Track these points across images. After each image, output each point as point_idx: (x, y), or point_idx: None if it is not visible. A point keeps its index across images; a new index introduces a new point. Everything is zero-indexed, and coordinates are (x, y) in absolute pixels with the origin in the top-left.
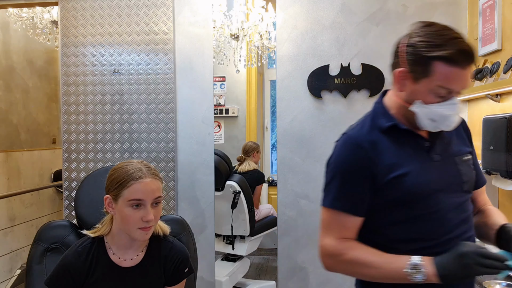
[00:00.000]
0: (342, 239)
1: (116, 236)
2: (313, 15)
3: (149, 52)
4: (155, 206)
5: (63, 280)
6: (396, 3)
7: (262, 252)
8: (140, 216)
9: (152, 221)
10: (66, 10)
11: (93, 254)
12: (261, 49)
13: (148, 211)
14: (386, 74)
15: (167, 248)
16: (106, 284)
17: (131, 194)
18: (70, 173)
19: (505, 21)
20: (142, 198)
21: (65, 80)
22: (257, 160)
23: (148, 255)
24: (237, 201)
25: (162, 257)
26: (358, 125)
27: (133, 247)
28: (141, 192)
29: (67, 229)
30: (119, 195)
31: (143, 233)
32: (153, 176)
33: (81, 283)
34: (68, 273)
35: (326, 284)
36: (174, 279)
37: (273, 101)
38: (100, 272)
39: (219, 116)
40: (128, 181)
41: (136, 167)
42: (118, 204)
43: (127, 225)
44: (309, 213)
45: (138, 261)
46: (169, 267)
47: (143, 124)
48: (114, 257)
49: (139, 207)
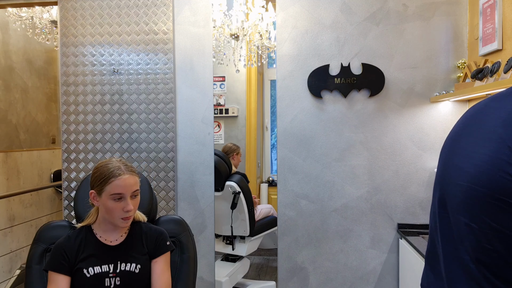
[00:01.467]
0: None
1: (102, 224)
2: (313, 14)
3: (149, 52)
4: (134, 198)
5: (57, 259)
6: (397, 3)
7: (262, 253)
8: (121, 207)
9: (131, 211)
10: (66, 9)
11: (82, 237)
12: (261, 49)
13: (128, 202)
14: (387, 74)
15: (147, 228)
16: (96, 258)
17: (112, 189)
18: (69, 173)
19: (505, 20)
20: (122, 192)
21: (64, 80)
22: (237, 162)
23: (130, 235)
24: (236, 201)
25: (143, 234)
26: None
27: (117, 231)
28: (121, 187)
29: (67, 229)
30: (102, 190)
31: (124, 221)
32: (131, 173)
33: (74, 259)
34: (61, 252)
35: (326, 284)
36: (157, 251)
37: (273, 101)
38: (90, 249)
39: (219, 116)
40: (109, 178)
41: (115, 166)
42: (102, 198)
43: (110, 215)
44: (309, 213)
45: (122, 240)
46: (150, 241)
47: (143, 124)
48: (101, 239)
49: (120, 200)
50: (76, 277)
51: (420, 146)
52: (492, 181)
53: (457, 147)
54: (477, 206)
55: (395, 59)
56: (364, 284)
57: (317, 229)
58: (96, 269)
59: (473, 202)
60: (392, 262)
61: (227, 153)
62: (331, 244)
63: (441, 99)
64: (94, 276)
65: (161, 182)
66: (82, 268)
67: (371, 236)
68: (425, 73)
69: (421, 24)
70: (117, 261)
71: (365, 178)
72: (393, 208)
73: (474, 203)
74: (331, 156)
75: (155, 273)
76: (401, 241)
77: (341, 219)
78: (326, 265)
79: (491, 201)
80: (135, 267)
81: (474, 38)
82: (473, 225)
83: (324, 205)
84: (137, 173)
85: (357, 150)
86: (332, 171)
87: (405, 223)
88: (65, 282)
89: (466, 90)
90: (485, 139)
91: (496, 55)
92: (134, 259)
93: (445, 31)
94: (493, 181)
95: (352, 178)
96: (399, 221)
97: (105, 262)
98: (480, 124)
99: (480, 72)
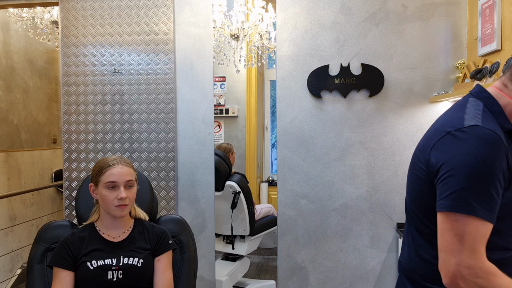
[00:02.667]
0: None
1: (103, 219)
2: (313, 15)
3: (149, 52)
4: (128, 189)
5: (61, 254)
6: (396, 3)
7: (262, 252)
8: (115, 196)
9: (125, 199)
10: (67, 10)
11: (86, 233)
12: (261, 49)
13: (121, 191)
14: (386, 74)
15: (150, 225)
16: (99, 252)
17: (106, 177)
18: (70, 173)
19: (504, 21)
20: (115, 180)
21: (65, 80)
22: (232, 161)
23: (133, 232)
24: (237, 201)
25: (145, 231)
26: (481, 116)
27: (119, 227)
28: (114, 175)
29: (68, 229)
30: (98, 181)
31: (119, 210)
32: (125, 164)
33: (77, 254)
34: (65, 246)
35: (326, 283)
36: (159, 248)
37: (273, 101)
38: (94, 244)
39: (219, 116)
40: (104, 168)
41: (111, 158)
42: (98, 188)
43: (106, 204)
44: (309, 212)
45: (125, 236)
46: (153, 238)
47: (144, 124)
48: (104, 235)
49: (114, 189)
50: (80, 270)
51: None
52: (413, 162)
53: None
54: (410, 179)
55: (394, 60)
56: (364, 283)
57: (317, 229)
58: (99, 262)
59: (411, 177)
60: (391, 261)
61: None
62: (331, 244)
63: (440, 99)
64: (97, 268)
65: (162, 181)
66: (85, 261)
67: (370, 236)
68: (424, 73)
69: (420, 24)
70: (120, 255)
71: (365, 178)
72: (393, 207)
73: (411, 178)
74: (330, 156)
75: (157, 271)
76: (400, 240)
77: (341, 219)
78: (326, 264)
79: (413, 173)
80: (138, 261)
81: (473, 39)
82: (410, 190)
83: (323, 205)
84: (132, 166)
85: (356, 150)
86: (332, 171)
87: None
88: (69, 278)
89: (465, 91)
90: (422, 139)
91: (495, 55)
92: (137, 254)
93: (444, 32)
94: (413, 162)
95: (351, 178)
96: (399, 220)
97: (108, 256)
98: (430, 127)
99: (479, 73)
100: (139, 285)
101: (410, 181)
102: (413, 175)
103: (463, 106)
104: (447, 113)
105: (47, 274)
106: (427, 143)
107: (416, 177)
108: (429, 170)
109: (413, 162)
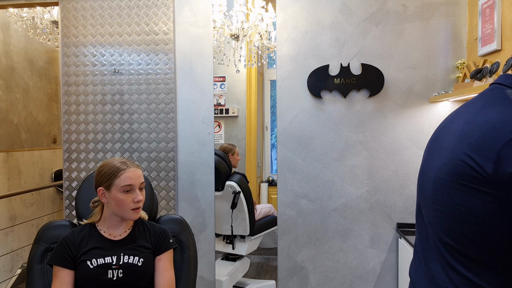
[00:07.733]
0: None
1: (107, 220)
2: (313, 15)
3: (149, 52)
4: (141, 191)
5: (61, 253)
6: (396, 3)
7: (262, 252)
8: (132, 199)
9: (142, 202)
10: (67, 10)
11: (86, 232)
12: (261, 49)
13: (138, 193)
14: (386, 74)
15: (150, 225)
16: (99, 250)
17: (122, 181)
18: (70, 173)
19: (504, 21)
20: (132, 183)
21: (65, 80)
22: (235, 162)
23: (134, 230)
24: (237, 201)
25: (146, 230)
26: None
27: (121, 227)
28: (131, 178)
29: (68, 229)
30: (111, 184)
31: (135, 213)
32: (136, 166)
33: (77, 253)
34: (64, 245)
35: (326, 283)
36: (160, 247)
37: (273, 101)
38: (93, 243)
39: (219, 116)
40: (118, 172)
41: (120, 161)
42: (112, 192)
43: (122, 208)
44: (309, 212)
45: (126, 235)
46: (154, 237)
47: (144, 124)
48: (105, 234)
49: (130, 192)
50: (80, 269)
51: (419, 146)
52: (452, 169)
53: (433, 147)
54: (444, 192)
55: (394, 60)
56: (364, 283)
57: (317, 229)
58: (99, 260)
59: (440, 189)
60: (391, 261)
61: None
62: (331, 244)
63: (440, 99)
64: (97, 267)
65: (162, 181)
66: (85, 260)
67: (370, 236)
68: (424, 73)
69: (420, 24)
70: (120, 253)
71: (365, 177)
72: (393, 207)
73: (441, 190)
74: (330, 156)
75: (158, 270)
76: (401, 240)
77: (341, 219)
78: (326, 264)
79: (454, 186)
80: (138, 260)
81: (473, 39)
82: (441, 209)
83: (323, 205)
84: (140, 167)
85: (356, 150)
86: (332, 170)
87: (404, 223)
88: (68, 276)
89: (465, 90)
90: (448, 137)
91: (495, 55)
92: (137, 252)
93: (444, 32)
94: (452, 169)
95: (351, 177)
96: (399, 220)
97: (108, 254)
98: (450, 125)
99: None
100: (139, 284)
101: (450, 200)
102: (457, 190)
103: (506, 99)
104: (487, 111)
105: (47, 274)
106: (476, 152)
107: (465, 194)
108: (500, 184)
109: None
